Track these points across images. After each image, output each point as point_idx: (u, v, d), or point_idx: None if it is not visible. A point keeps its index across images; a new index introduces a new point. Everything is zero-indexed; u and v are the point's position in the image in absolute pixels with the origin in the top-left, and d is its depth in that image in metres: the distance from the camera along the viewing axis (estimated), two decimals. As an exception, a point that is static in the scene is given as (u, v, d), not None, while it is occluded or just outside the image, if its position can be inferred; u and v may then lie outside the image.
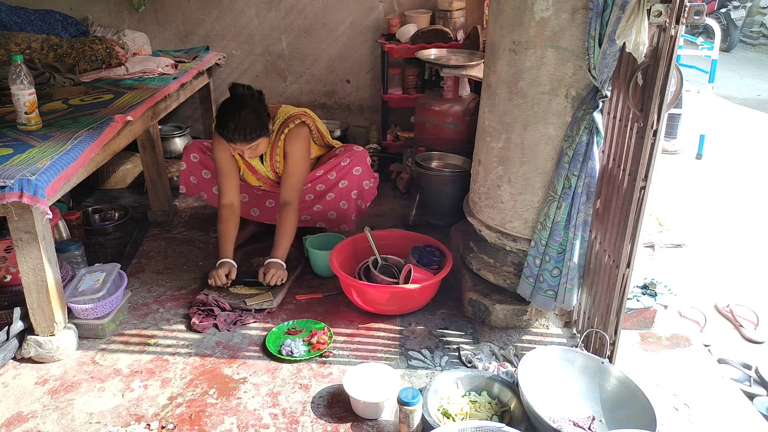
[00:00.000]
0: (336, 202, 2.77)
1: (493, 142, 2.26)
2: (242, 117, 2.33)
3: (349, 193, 2.74)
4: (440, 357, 2.15)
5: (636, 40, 1.60)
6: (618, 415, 1.79)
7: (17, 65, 2.23)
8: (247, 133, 2.35)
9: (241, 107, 2.35)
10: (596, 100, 1.90)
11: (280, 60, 4.06)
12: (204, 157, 2.82)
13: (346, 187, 2.73)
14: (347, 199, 2.75)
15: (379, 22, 3.93)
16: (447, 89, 3.28)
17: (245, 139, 2.36)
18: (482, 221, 2.39)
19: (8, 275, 2.29)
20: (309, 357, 2.11)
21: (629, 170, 1.79)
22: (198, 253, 2.87)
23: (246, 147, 2.40)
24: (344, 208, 2.77)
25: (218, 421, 1.84)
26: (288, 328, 2.26)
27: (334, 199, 2.76)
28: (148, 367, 2.09)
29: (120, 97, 2.77)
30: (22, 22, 3.48)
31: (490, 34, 2.27)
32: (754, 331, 2.55)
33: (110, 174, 3.61)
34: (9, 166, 1.94)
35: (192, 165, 2.83)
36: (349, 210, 2.78)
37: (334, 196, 2.75)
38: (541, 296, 2.16)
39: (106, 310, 2.22)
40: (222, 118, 2.37)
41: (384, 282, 2.35)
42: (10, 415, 1.87)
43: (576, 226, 2.02)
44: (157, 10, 3.98)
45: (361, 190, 2.78)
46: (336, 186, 2.74)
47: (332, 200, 2.76)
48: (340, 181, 2.73)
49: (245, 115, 2.34)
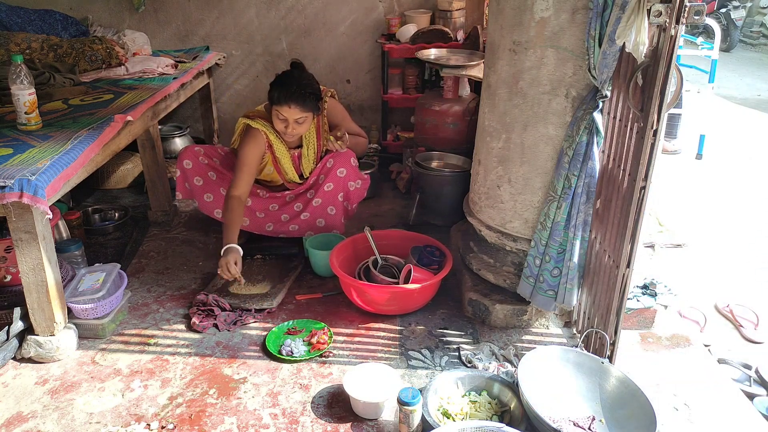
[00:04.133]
0: (323, 208, 2.72)
1: (493, 142, 2.26)
2: (303, 81, 2.51)
3: (336, 197, 2.70)
4: (440, 357, 2.15)
5: (636, 40, 1.60)
6: (618, 415, 1.79)
7: (17, 65, 2.23)
8: (306, 97, 2.48)
9: (304, 77, 2.55)
10: (596, 100, 1.90)
11: (280, 60, 4.06)
12: (197, 164, 2.77)
13: (331, 191, 2.70)
14: (334, 203, 2.72)
15: (379, 22, 3.93)
16: (447, 89, 3.28)
17: (303, 105, 2.48)
18: (482, 221, 2.39)
19: (8, 275, 2.29)
20: (309, 357, 2.11)
21: (629, 170, 1.79)
22: (198, 253, 2.87)
23: (297, 115, 2.50)
24: (332, 213, 2.73)
25: (218, 421, 1.84)
26: (288, 328, 2.26)
27: (321, 204, 2.72)
28: (148, 367, 2.09)
29: (120, 97, 2.77)
30: (22, 22, 3.48)
31: (490, 34, 2.27)
32: (754, 331, 2.55)
33: (110, 174, 3.61)
34: (9, 166, 1.94)
35: (185, 171, 2.79)
36: (337, 215, 2.74)
37: (320, 201, 2.71)
38: (541, 296, 2.16)
39: (106, 310, 2.22)
40: (282, 81, 2.50)
41: (384, 282, 2.35)
42: (10, 415, 1.87)
43: (576, 226, 2.02)
44: (157, 10, 3.98)
45: (347, 192, 2.74)
46: (321, 189, 2.70)
47: (319, 206, 2.72)
48: (326, 184, 2.69)
49: (306, 80, 2.53)
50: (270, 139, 2.64)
